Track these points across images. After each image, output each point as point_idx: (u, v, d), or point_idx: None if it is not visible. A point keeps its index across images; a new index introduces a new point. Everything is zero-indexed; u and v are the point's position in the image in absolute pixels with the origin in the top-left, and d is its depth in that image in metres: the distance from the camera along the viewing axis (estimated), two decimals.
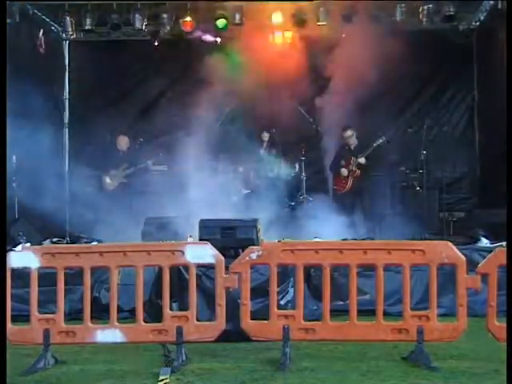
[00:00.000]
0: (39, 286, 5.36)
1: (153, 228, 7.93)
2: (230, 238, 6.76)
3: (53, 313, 5.37)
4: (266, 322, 5.26)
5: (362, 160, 10.07)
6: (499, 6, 10.03)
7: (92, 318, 5.34)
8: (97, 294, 6.87)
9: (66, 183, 11.75)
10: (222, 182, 11.10)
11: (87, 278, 5.37)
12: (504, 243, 6.68)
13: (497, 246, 6.38)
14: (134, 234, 8.03)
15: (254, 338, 5.29)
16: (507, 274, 5.01)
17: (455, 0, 10.86)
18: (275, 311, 5.27)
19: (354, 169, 10.09)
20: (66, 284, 5.42)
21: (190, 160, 11.15)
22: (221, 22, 11.13)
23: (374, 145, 9.97)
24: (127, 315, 5.95)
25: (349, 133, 10.31)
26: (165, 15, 11.24)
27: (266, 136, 10.91)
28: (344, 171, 10.19)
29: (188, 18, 11.16)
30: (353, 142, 10.34)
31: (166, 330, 5.25)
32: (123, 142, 11.02)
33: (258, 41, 11.37)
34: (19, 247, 7.08)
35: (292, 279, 6.14)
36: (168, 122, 11.59)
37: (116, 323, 5.29)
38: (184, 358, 5.22)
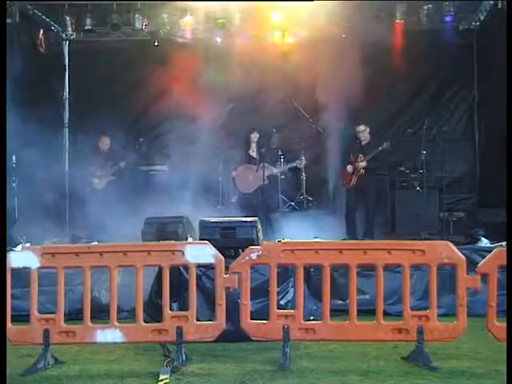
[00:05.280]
0: (39, 286, 5.36)
1: (153, 228, 7.92)
2: (229, 238, 6.73)
3: (53, 313, 5.36)
4: (266, 322, 5.26)
5: (363, 164, 9.99)
6: (499, 6, 10.04)
7: (92, 318, 5.34)
8: (97, 294, 6.86)
9: (66, 183, 11.76)
10: (222, 181, 11.12)
11: (87, 278, 5.37)
12: (504, 243, 6.68)
13: (497, 246, 6.37)
14: (134, 234, 8.03)
15: (254, 338, 5.29)
16: (507, 274, 5.01)
17: (455, 0, 10.87)
18: (275, 311, 5.27)
19: (359, 167, 10.00)
20: (65, 284, 5.42)
21: (190, 160, 11.16)
22: (220, 22, 11.13)
23: (380, 148, 9.89)
24: (127, 315, 5.95)
25: (361, 128, 10.19)
26: (165, 15, 11.25)
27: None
28: (350, 168, 10.11)
29: (188, 18, 11.16)
30: (365, 137, 10.21)
31: (166, 330, 5.25)
32: (104, 143, 10.95)
33: (257, 41, 11.39)
34: (19, 247, 7.08)
35: (292, 279, 6.14)
36: (168, 122, 11.61)
37: (116, 323, 5.29)
38: (184, 358, 5.23)
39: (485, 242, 8.22)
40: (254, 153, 10.64)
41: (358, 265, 5.32)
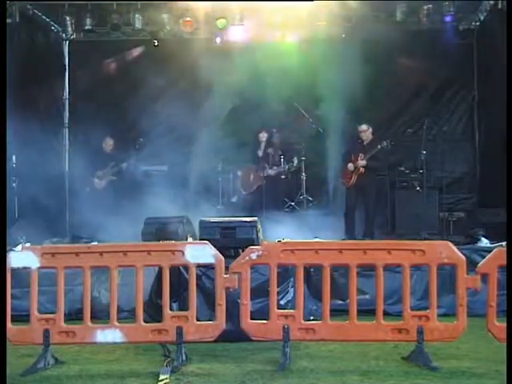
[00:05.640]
0: (39, 286, 5.36)
1: (153, 228, 7.92)
2: (229, 238, 6.75)
3: (53, 313, 5.37)
4: (266, 321, 5.26)
5: (363, 162, 9.99)
6: (499, 6, 10.03)
7: (92, 318, 5.34)
8: (97, 294, 6.86)
9: (66, 183, 11.75)
10: (222, 181, 11.12)
11: (87, 278, 5.37)
12: (504, 243, 6.68)
13: (497, 246, 6.37)
14: (134, 234, 8.04)
15: (254, 338, 5.29)
16: (507, 274, 5.01)
17: (455, 0, 10.87)
18: (275, 311, 5.27)
19: (358, 166, 10.00)
20: (65, 284, 5.42)
21: (191, 160, 11.17)
22: (221, 22, 11.13)
23: (379, 147, 9.89)
24: (127, 315, 5.95)
25: (363, 127, 10.18)
26: (165, 15, 11.25)
27: (264, 136, 10.89)
28: (350, 166, 10.11)
29: (188, 18, 11.16)
30: (366, 137, 10.21)
31: (166, 330, 5.25)
32: (108, 144, 10.94)
33: (257, 41, 11.39)
34: (19, 247, 7.07)
35: (292, 279, 6.14)
36: (168, 122, 11.60)
37: (116, 323, 5.29)
38: (184, 358, 5.23)
39: (485, 242, 8.22)
40: (261, 152, 10.68)
41: (358, 265, 5.32)
